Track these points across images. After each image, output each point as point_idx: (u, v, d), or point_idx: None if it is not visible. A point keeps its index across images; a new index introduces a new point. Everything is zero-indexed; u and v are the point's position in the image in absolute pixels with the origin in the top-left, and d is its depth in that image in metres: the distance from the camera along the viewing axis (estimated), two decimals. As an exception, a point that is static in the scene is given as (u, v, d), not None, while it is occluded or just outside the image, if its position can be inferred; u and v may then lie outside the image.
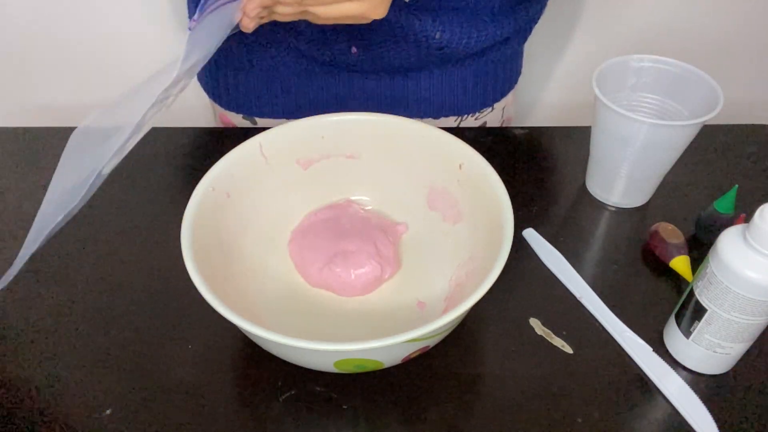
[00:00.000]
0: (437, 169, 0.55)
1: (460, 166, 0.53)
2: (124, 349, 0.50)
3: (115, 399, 0.47)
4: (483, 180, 0.50)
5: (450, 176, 0.54)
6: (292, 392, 0.48)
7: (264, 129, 0.54)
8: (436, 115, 0.72)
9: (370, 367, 0.44)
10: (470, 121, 0.74)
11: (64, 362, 0.50)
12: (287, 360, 0.45)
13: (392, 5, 0.60)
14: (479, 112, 0.74)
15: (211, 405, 0.47)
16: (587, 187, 0.64)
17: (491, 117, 0.76)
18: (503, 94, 0.75)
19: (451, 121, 0.73)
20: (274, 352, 0.45)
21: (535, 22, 0.72)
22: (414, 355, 0.45)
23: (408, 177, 0.57)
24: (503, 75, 0.73)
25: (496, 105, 0.75)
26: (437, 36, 0.63)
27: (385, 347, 0.40)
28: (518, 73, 0.77)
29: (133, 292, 0.54)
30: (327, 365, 0.43)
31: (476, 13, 0.64)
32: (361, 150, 0.57)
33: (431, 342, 0.44)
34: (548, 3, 0.72)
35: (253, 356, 0.49)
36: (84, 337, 0.51)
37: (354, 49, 0.64)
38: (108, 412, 0.47)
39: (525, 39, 0.73)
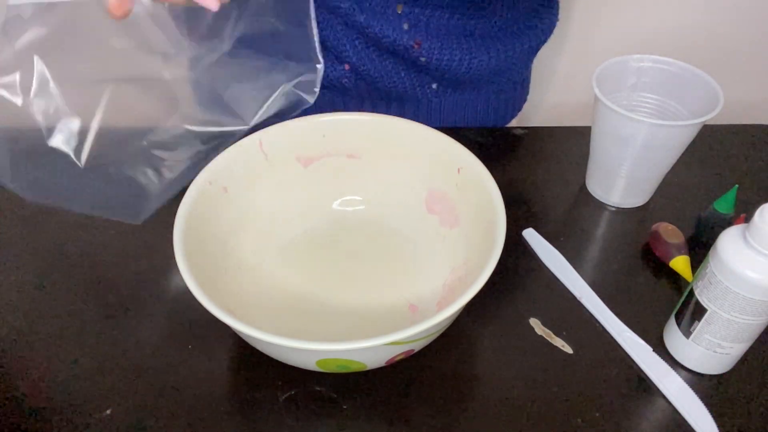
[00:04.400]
0: (437, 172, 0.55)
1: (458, 170, 0.53)
2: (123, 349, 0.50)
3: (115, 399, 0.47)
4: (479, 185, 0.50)
5: (449, 180, 0.54)
6: (292, 392, 0.48)
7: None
8: None
9: (354, 368, 0.44)
10: None
11: (64, 362, 0.50)
12: (276, 358, 0.45)
13: (383, 18, 0.59)
14: None
15: (211, 405, 0.47)
16: (587, 187, 0.64)
17: None
18: (508, 121, 0.75)
19: None
20: (261, 349, 0.45)
21: (535, 53, 0.71)
22: (398, 357, 0.44)
23: (408, 179, 0.57)
24: (505, 104, 0.73)
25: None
26: (422, 60, 0.62)
27: (366, 349, 0.40)
28: (525, 98, 0.76)
29: (132, 291, 0.54)
30: (309, 364, 0.43)
31: (465, 36, 0.63)
32: (362, 150, 0.57)
33: (415, 346, 0.44)
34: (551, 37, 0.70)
35: (253, 356, 0.49)
36: (83, 336, 0.51)
37: (347, 66, 0.64)
38: (108, 412, 0.47)
39: (526, 68, 0.72)
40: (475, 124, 0.72)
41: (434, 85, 0.66)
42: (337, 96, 0.68)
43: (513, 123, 0.81)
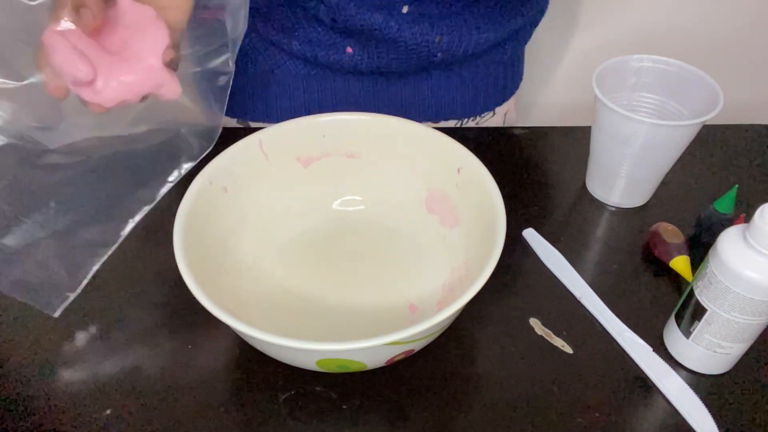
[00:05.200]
0: (437, 171, 0.55)
1: (458, 170, 0.53)
2: (123, 349, 0.50)
3: (115, 399, 0.47)
4: (479, 185, 0.50)
5: (449, 180, 0.54)
6: (292, 392, 0.48)
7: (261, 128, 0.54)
8: (435, 119, 0.72)
9: (354, 368, 0.44)
10: (471, 126, 0.74)
11: (64, 362, 0.50)
12: (276, 358, 0.45)
13: (390, 15, 0.60)
14: (480, 116, 0.74)
15: (211, 405, 0.47)
16: (587, 187, 0.64)
17: (492, 122, 0.76)
18: (504, 99, 0.76)
19: (451, 125, 0.73)
20: (261, 348, 0.45)
21: (535, 26, 0.72)
22: (398, 357, 0.45)
23: (408, 178, 0.57)
24: (503, 79, 0.73)
25: (497, 109, 0.75)
26: (437, 40, 0.63)
27: (366, 349, 0.40)
28: (520, 77, 0.77)
29: (132, 291, 0.54)
30: (310, 364, 0.43)
31: (475, 15, 0.64)
32: (362, 150, 0.57)
33: (415, 346, 0.44)
34: (548, 7, 0.72)
35: (253, 356, 0.49)
36: (83, 336, 0.51)
37: (349, 49, 0.64)
38: (108, 412, 0.47)
39: (525, 42, 0.73)
40: (475, 99, 0.73)
41: (437, 61, 0.68)
42: (338, 76, 0.68)
43: (513, 123, 0.81)
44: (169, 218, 0.47)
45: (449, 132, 0.54)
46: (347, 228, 0.58)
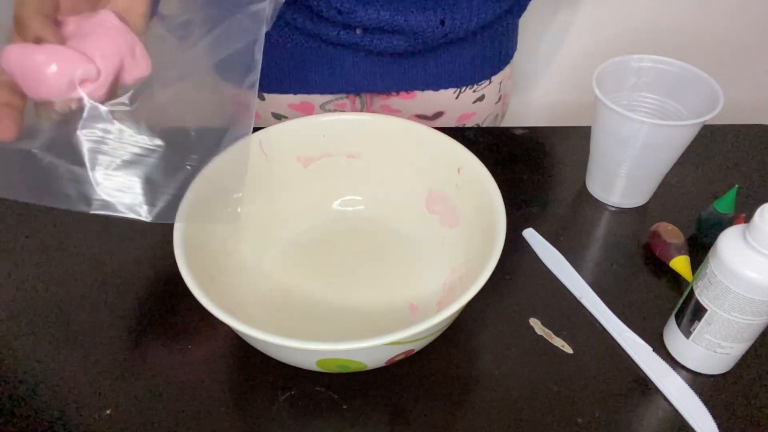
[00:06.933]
0: (437, 171, 0.55)
1: (459, 170, 0.53)
2: (123, 349, 0.50)
3: (115, 399, 0.47)
4: (479, 185, 0.50)
5: (449, 180, 0.54)
6: (292, 392, 0.48)
7: (262, 128, 0.54)
8: (436, 88, 0.76)
9: (354, 368, 0.44)
10: (469, 93, 0.77)
11: (64, 362, 0.50)
12: (276, 358, 0.45)
13: (396, 10, 0.63)
14: (477, 84, 0.77)
15: (211, 405, 0.47)
16: (587, 187, 0.64)
17: (489, 90, 0.79)
18: (500, 68, 0.79)
19: (450, 93, 0.76)
20: (261, 349, 0.45)
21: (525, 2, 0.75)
22: (398, 357, 0.44)
23: (408, 179, 0.57)
24: (499, 49, 0.77)
25: (493, 78, 0.78)
26: (443, 25, 0.66)
27: (366, 349, 0.40)
28: (514, 47, 0.81)
29: (133, 291, 0.54)
30: (310, 364, 0.43)
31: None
32: (362, 150, 0.57)
33: (415, 346, 0.44)
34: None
35: (253, 356, 0.49)
36: (83, 336, 0.51)
37: (358, 31, 0.67)
38: (108, 412, 0.47)
39: (520, 14, 0.77)
40: (473, 69, 0.76)
41: (441, 42, 0.71)
42: (348, 53, 0.71)
43: (513, 123, 0.81)
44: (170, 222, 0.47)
45: (449, 132, 0.54)
46: (347, 228, 0.58)
